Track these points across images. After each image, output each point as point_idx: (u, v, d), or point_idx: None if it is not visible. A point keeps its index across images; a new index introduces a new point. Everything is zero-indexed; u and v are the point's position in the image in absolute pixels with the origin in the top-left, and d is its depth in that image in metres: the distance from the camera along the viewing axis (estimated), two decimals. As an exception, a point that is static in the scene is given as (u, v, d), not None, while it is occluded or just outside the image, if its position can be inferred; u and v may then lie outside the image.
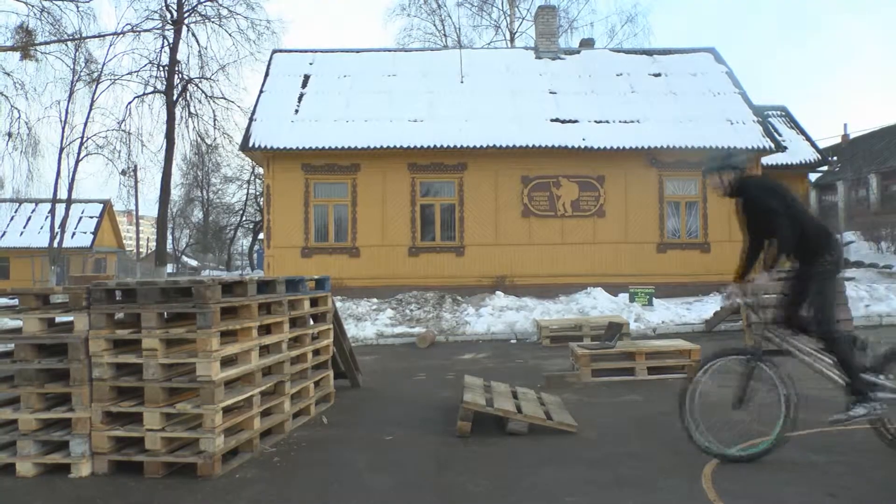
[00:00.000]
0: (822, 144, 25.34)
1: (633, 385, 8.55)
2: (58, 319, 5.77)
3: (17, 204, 45.24)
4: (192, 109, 31.69)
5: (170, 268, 30.63)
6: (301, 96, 20.55)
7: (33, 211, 45.87)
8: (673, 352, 9.32)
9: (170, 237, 48.44)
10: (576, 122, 19.56)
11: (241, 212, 49.74)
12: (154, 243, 36.82)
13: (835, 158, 31.26)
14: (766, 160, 19.77)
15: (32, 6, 25.83)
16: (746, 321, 10.60)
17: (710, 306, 15.65)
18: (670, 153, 18.82)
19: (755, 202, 5.52)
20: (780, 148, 19.01)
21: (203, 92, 31.57)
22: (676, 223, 19.44)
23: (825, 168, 25.48)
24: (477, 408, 6.24)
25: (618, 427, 6.45)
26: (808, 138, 24.32)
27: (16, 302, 5.80)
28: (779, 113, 25.57)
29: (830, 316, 5.46)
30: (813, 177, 27.42)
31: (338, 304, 8.08)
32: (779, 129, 23.48)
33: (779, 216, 5.27)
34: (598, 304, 15.93)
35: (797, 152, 22.53)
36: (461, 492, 4.82)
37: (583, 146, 18.67)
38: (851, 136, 38.07)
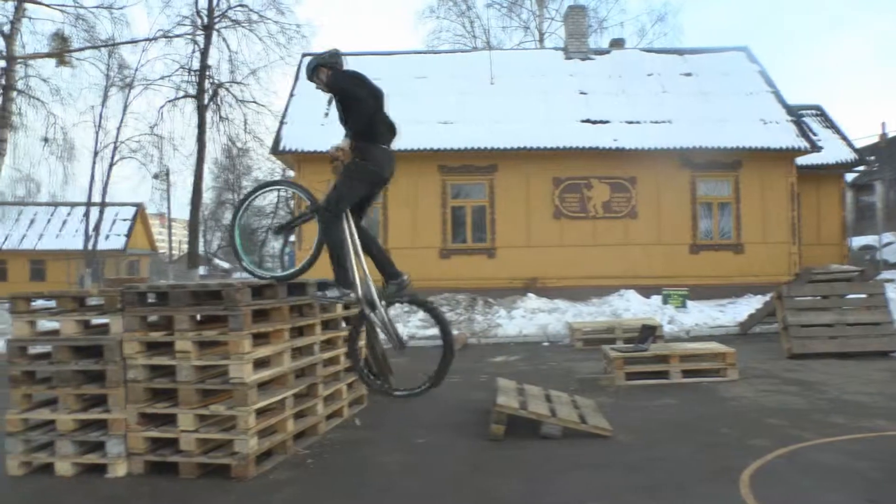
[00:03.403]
0: (859, 144, 24.90)
1: (668, 388, 8.47)
2: (93, 321, 5.85)
3: (54, 207, 46.06)
4: (222, 113, 32.04)
5: (202, 270, 30.90)
6: (331, 99, 20.54)
7: (69, 214, 46.58)
8: (708, 355, 9.23)
9: (201, 240, 48.93)
10: (607, 122, 19.45)
11: (272, 214, 50.10)
12: (186, 246, 37.11)
13: (872, 158, 30.76)
14: (801, 160, 19.48)
15: (68, 13, 26.27)
16: (783, 324, 10.52)
17: (744, 308, 15.46)
18: (702, 154, 18.63)
19: (345, 93, 5.96)
20: (816, 148, 18.74)
21: (234, 96, 31.90)
22: (709, 224, 19.25)
23: (862, 168, 25.05)
24: (510, 411, 6.22)
25: (653, 431, 6.39)
26: (845, 138, 23.91)
27: (53, 304, 5.89)
28: (814, 112, 25.18)
29: (334, 202, 5.91)
30: (850, 177, 26.96)
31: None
32: (814, 129, 23.10)
33: (359, 102, 5.79)
34: (630, 307, 15.82)
35: (833, 152, 22.15)
36: (494, 495, 4.80)
37: (614, 147, 18.56)
38: (890, 136, 37.41)
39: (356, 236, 6.06)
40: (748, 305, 15.64)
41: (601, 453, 5.68)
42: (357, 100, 5.85)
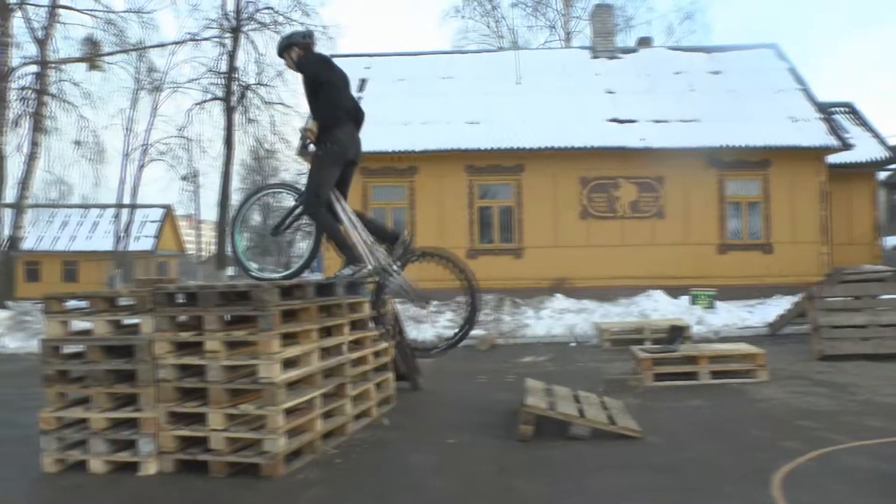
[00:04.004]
0: (892, 141, 24.47)
1: (697, 389, 8.40)
2: (124, 322, 5.92)
3: (85, 209, 46.69)
4: (250, 115, 32.18)
5: (230, 271, 31.10)
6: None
7: (100, 216, 47.24)
8: (737, 356, 9.15)
9: (228, 241, 49.26)
10: (634, 122, 19.33)
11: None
12: (214, 247, 37.49)
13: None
14: (832, 158, 19.22)
15: (98, 18, 26.61)
16: (813, 325, 10.40)
17: (773, 309, 15.29)
18: (730, 153, 18.47)
19: (314, 76, 6.06)
20: (847, 146, 18.48)
21: (261, 98, 32.04)
22: (737, 224, 19.06)
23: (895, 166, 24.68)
24: (539, 411, 6.21)
25: (682, 432, 6.35)
26: (877, 135, 23.54)
27: (85, 304, 5.98)
28: (845, 109, 24.82)
29: (313, 190, 6.06)
30: (882, 175, 26.56)
31: (397, 307, 8.11)
32: (845, 127, 22.79)
33: (326, 85, 5.95)
34: (658, 307, 15.73)
35: (865, 150, 21.82)
36: (524, 496, 4.80)
37: (641, 146, 18.45)
38: (922, 133, 36.81)
39: (350, 213, 6.20)
40: (777, 306, 15.46)
41: (630, 454, 5.65)
42: (323, 83, 6.01)
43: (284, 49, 6.30)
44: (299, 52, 6.26)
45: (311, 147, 6.25)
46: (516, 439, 6.15)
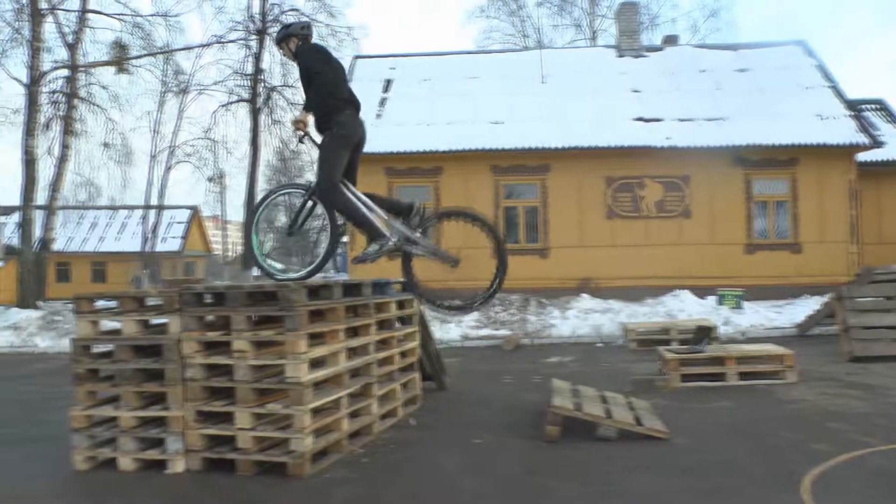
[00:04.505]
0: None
1: (724, 391, 8.33)
2: (153, 321, 5.98)
3: (113, 211, 47.24)
4: (275, 117, 32.39)
5: (255, 271, 31.30)
6: (383, 101, 20.77)
7: (127, 217, 47.78)
8: (765, 357, 9.06)
9: (255, 241, 49.52)
10: (659, 120, 19.23)
11: (323, 216, 50.44)
12: (240, 247, 37.77)
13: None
14: (862, 156, 18.97)
15: (126, 22, 26.92)
16: (843, 326, 10.28)
17: (801, 310, 15.13)
18: (757, 151, 18.31)
19: (309, 68, 6.14)
20: (877, 143, 18.21)
21: (286, 99, 32.23)
22: (764, 223, 18.89)
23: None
24: (566, 412, 6.19)
25: (710, 434, 6.30)
26: (909, 132, 23.25)
27: (114, 304, 6.04)
28: (875, 106, 24.49)
29: (326, 177, 6.15)
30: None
31: (423, 307, 8.12)
32: (875, 124, 22.48)
33: (321, 75, 6.03)
34: (685, 307, 15.63)
35: (896, 147, 21.53)
36: (551, 498, 4.79)
37: (667, 146, 18.33)
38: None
39: (360, 195, 6.33)
40: (806, 307, 15.30)
41: (657, 456, 5.61)
42: (319, 71, 6.10)
43: (282, 39, 6.45)
44: (297, 42, 6.39)
45: (305, 138, 6.37)
46: (543, 440, 6.14)
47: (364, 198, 6.30)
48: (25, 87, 24.07)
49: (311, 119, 6.20)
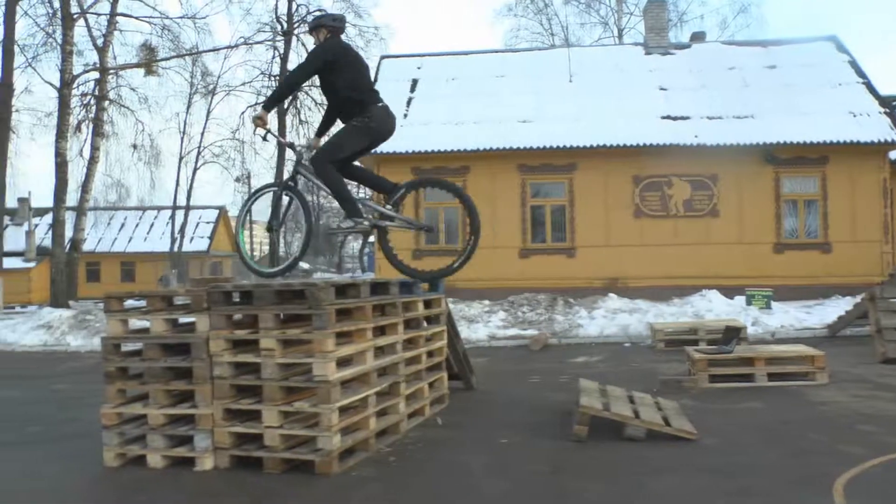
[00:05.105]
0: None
1: (753, 392, 8.24)
2: (181, 320, 6.03)
3: (142, 211, 47.83)
4: (302, 117, 32.57)
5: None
6: (410, 100, 20.81)
7: (156, 218, 48.38)
8: (795, 358, 8.94)
9: (282, 241, 49.94)
10: (687, 118, 19.10)
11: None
12: (266, 247, 37.97)
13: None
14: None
15: (155, 25, 27.24)
16: (876, 327, 10.12)
17: (832, 310, 14.92)
18: (787, 149, 18.14)
19: (336, 58, 6.41)
20: (912, 141, 17.96)
21: (313, 99, 32.40)
22: (794, 223, 18.70)
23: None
24: (594, 412, 6.16)
25: (739, 435, 6.23)
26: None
27: (143, 304, 6.10)
28: (909, 104, 24.15)
29: (330, 151, 6.47)
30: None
31: (450, 306, 8.12)
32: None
33: (340, 72, 6.32)
34: (713, 307, 15.48)
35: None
36: (579, 498, 4.76)
37: (695, 144, 18.20)
38: None
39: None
40: (837, 307, 15.09)
41: (686, 457, 5.56)
42: (350, 61, 6.42)
43: (313, 28, 6.69)
44: (326, 33, 6.59)
45: (268, 135, 6.76)
46: (571, 440, 6.11)
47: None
48: (57, 91, 24.43)
49: (269, 117, 6.55)
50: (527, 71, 22.00)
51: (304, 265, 63.94)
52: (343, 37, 6.90)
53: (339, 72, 6.43)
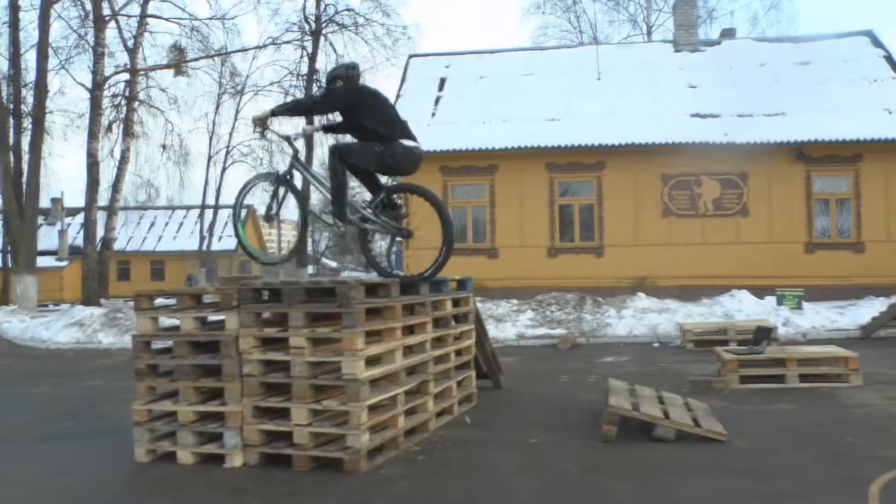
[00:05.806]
0: None
1: (784, 393, 8.13)
2: (210, 318, 6.07)
3: (171, 211, 48.33)
4: (329, 117, 32.63)
5: (310, 269, 31.71)
6: (437, 99, 20.80)
7: (185, 217, 48.89)
8: (827, 359, 8.81)
9: (310, 240, 50.15)
10: (717, 116, 18.90)
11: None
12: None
13: None
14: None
15: (184, 26, 27.50)
16: None
17: (865, 311, 14.69)
18: (819, 147, 17.89)
19: (351, 103, 6.62)
20: (950, 139, 17.61)
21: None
22: (826, 222, 18.44)
23: None
24: (623, 412, 6.12)
25: (770, 437, 6.16)
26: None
27: (172, 302, 6.15)
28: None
29: (346, 153, 6.61)
30: None
31: (478, 305, 8.11)
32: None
33: (360, 112, 6.52)
34: (743, 308, 15.30)
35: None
36: (607, 498, 4.73)
37: (724, 142, 17.99)
38: None
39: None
40: (870, 308, 14.85)
41: (716, 458, 5.51)
42: (359, 108, 6.56)
43: (329, 82, 6.88)
44: (341, 83, 6.76)
45: (266, 132, 7.10)
46: (600, 440, 6.08)
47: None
48: (89, 92, 24.75)
49: (270, 121, 6.81)
50: (555, 69, 21.89)
51: (332, 263, 64.27)
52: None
53: (360, 110, 6.58)
